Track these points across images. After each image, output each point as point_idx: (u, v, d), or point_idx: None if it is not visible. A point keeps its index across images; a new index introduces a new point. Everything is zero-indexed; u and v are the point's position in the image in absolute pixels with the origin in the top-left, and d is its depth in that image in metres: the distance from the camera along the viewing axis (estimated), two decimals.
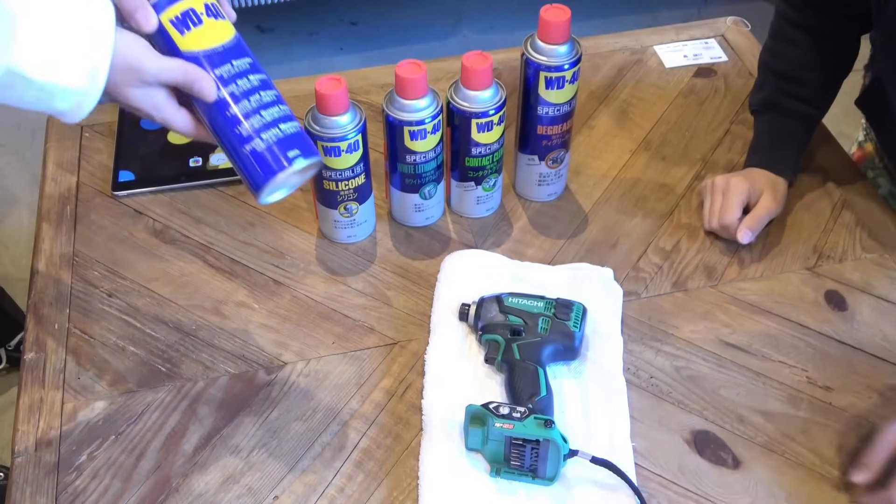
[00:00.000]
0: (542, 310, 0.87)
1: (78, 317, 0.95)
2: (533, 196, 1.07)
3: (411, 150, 0.95)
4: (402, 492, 0.80)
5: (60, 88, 0.66)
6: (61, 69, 0.66)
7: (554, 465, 0.77)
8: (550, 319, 0.87)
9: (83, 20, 0.67)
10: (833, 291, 0.97)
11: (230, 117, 0.72)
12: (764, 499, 0.80)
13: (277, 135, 0.73)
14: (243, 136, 0.72)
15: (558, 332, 0.86)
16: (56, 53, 0.65)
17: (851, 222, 1.04)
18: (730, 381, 0.89)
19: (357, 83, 1.20)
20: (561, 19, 0.92)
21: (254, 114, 0.72)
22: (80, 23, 0.66)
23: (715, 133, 1.16)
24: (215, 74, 0.71)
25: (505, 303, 0.88)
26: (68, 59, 0.66)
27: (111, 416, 0.86)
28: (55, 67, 0.65)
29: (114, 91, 0.70)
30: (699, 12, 2.72)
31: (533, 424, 0.77)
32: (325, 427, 0.85)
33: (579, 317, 0.87)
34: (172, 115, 0.73)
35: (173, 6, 0.71)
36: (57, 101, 0.67)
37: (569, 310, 0.87)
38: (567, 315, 0.87)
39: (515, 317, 0.87)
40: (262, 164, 0.72)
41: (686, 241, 1.02)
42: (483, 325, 0.88)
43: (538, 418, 0.77)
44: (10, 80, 0.65)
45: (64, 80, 0.66)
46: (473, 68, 0.92)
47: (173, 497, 0.80)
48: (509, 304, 0.88)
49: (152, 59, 0.70)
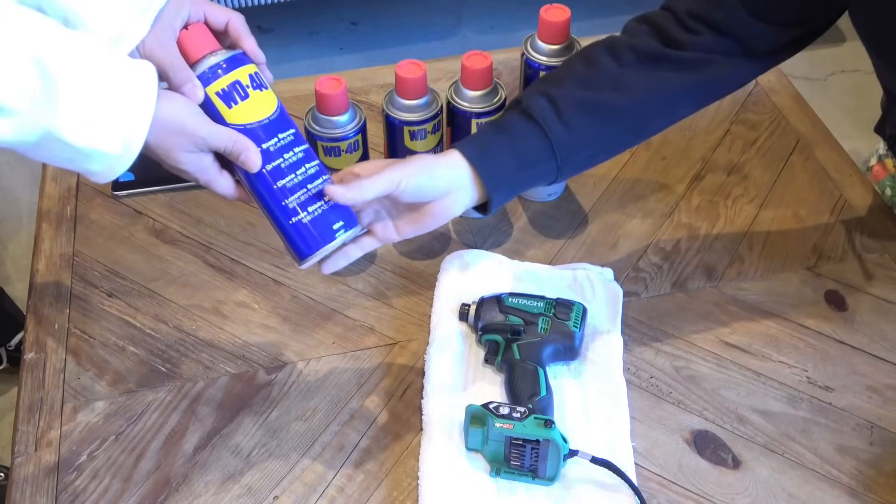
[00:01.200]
0: (542, 310, 0.87)
1: (78, 317, 0.95)
2: (533, 196, 1.07)
3: (411, 150, 0.95)
4: (402, 492, 0.80)
5: (96, 152, 0.67)
6: (99, 135, 0.66)
7: (554, 465, 0.77)
8: (550, 319, 0.87)
9: (125, 88, 0.67)
10: (833, 291, 0.97)
11: (275, 191, 0.73)
12: (764, 499, 0.80)
13: (322, 207, 0.75)
14: (288, 209, 0.74)
15: (558, 332, 0.86)
16: (96, 120, 0.66)
17: (851, 222, 1.04)
18: (730, 381, 0.89)
19: (357, 83, 1.20)
20: (561, 19, 0.92)
21: (299, 188, 0.74)
22: (122, 91, 0.67)
23: (715, 133, 1.16)
24: (261, 147, 0.73)
25: (505, 303, 0.88)
26: (107, 126, 0.66)
27: (111, 416, 0.86)
28: (94, 133, 0.66)
29: (163, 153, 0.71)
30: None
31: (533, 424, 0.77)
32: (325, 427, 0.85)
33: (579, 317, 0.87)
34: (215, 179, 0.74)
35: (220, 79, 0.73)
36: (91, 163, 0.68)
37: (569, 310, 0.87)
38: (567, 315, 0.87)
39: (515, 317, 0.87)
40: (307, 237, 0.74)
41: (686, 241, 1.02)
42: (483, 326, 0.88)
43: (538, 418, 0.77)
44: (48, 142, 0.65)
45: (101, 146, 0.67)
46: (473, 68, 0.92)
47: (173, 497, 0.80)
48: (509, 304, 0.88)
49: (205, 125, 0.71)
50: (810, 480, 0.81)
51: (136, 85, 0.68)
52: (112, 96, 0.66)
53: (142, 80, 0.68)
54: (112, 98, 0.66)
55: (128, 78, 0.67)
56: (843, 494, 0.80)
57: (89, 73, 0.65)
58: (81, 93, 0.65)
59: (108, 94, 0.66)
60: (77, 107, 0.65)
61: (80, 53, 0.66)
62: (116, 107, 0.67)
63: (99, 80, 0.66)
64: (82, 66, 0.65)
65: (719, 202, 1.07)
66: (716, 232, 1.03)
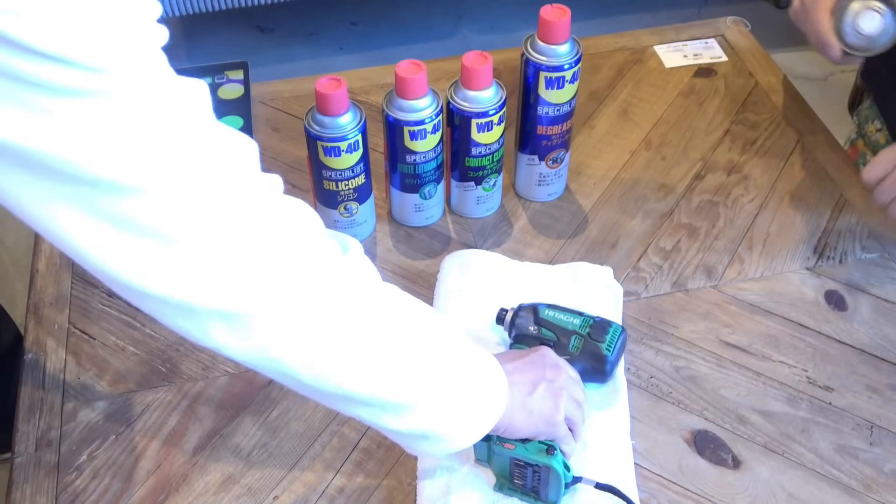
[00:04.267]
0: (576, 327, 0.84)
1: (78, 317, 0.95)
2: (533, 196, 1.07)
3: (411, 150, 0.95)
4: (402, 492, 0.80)
5: (443, 438, 0.70)
6: (462, 431, 0.71)
7: (556, 492, 0.76)
8: (583, 339, 0.84)
9: (481, 386, 0.72)
10: (833, 291, 0.97)
11: None
12: (764, 499, 0.80)
13: None
14: None
15: (589, 354, 0.83)
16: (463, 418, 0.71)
17: (851, 222, 1.04)
18: (730, 381, 0.89)
19: (357, 83, 1.20)
20: (561, 19, 0.92)
21: None
22: (479, 388, 0.71)
23: (715, 133, 1.16)
24: None
25: (540, 314, 0.86)
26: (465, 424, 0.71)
27: (111, 416, 0.86)
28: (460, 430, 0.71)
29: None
30: (699, 12, 2.72)
31: (535, 449, 0.75)
32: (325, 427, 0.85)
33: (615, 340, 0.84)
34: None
35: None
36: (430, 445, 0.71)
37: (604, 332, 0.84)
38: (601, 337, 0.83)
39: (549, 330, 0.85)
40: None
41: (686, 241, 1.02)
42: (515, 335, 0.86)
43: (542, 443, 0.75)
44: (423, 441, 0.70)
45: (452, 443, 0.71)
46: (473, 68, 0.92)
47: (173, 497, 0.80)
48: (544, 317, 0.85)
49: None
50: (810, 480, 0.81)
51: (491, 378, 0.72)
52: (470, 388, 0.71)
53: (494, 370, 0.73)
54: (470, 390, 0.71)
55: (481, 368, 0.72)
56: (843, 494, 0.80)
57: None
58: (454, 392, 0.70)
59: (467, 386, 0.71)
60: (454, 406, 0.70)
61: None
62: (474, 400, 0.71)
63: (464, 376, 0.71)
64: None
65: (719, 202, 1.07)
66: (716, 232, 1.03)
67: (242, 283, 0.58)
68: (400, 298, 0.69)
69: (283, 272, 0.60)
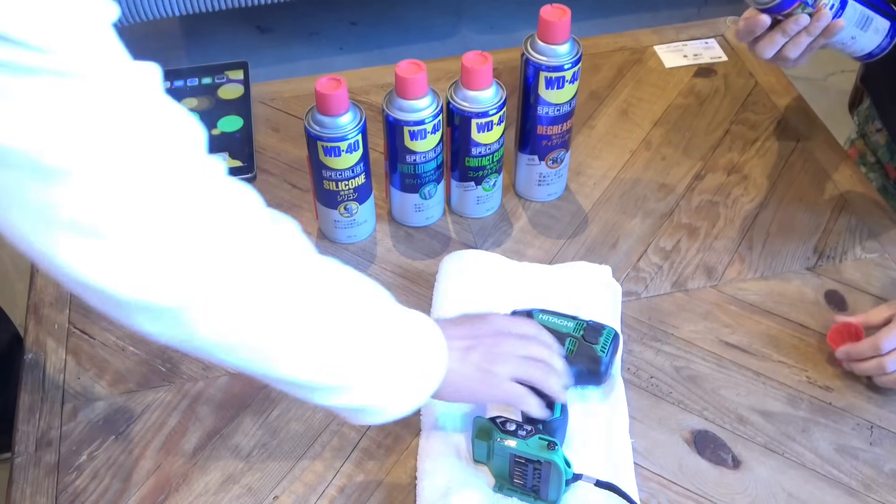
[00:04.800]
0: (570, 330, 0.84)
1: (78, 317, 0.95)
2: (533, 196, 1.07)
3: (411, 150, 0.95)
4: (402, 492, 0.80)
5: (379, 410, 0.71)
6: (392, 399, 0.71)
7: (556, 489, 0.76)
8: (578, 341, 0.84)
9: (416, 350, 0.72)
10: (833, 291, 0.97)
11: None
12: (764, 499, 0.80)
13: None
14: None
15: (584, 356, 0.83)
16: (394, 387, 0.71)
17: (851, 222, 1.04)
18: (730, 381, 0.89)
19: (357, 83, 1.20)
20: (561, 19, 0.92)
21: None
22: (414, 353, 0.72)
23: (715, 133, 1.16)
24: None
25: (535, 318, 0.85)
26: (400, 392, 0.71)
27: (111, 416, 0.86)
28: (386, 397, 0.70)
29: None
30: (699, 12, 2.72)
31: (536, 444, 0.75)
32: (325, 427, 0.85)
33: (608, 342, 0.84)
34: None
35: None
36: (366, 417, 0.71)
37: (598, 334, 0.84)
38: (595, 339, 0.84)
39: None
40: None
41: (686, 241, 1.02)
42: None
43: (543, 439, 0.75)
44: (361, 413, 0.71)
45: (388, 407, 0.71)
46: (473, 68, 0.92)
47: (173, 497, 0.80)
48: (539, 321, 0.85)
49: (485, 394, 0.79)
50: (810, 480, 0.81)
51: (427, 345, 0.72)
52: (405, 359, 0.71)
53: (431, 337, 0.73)
54: (405, 362, 0.71)
55: (416, 337, 0.72)
56: (843, 494, 0.80)
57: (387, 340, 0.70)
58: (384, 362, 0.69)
59: (402, 358, 0.71)
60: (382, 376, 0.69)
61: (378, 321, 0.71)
62: (410, 371, 0.71)
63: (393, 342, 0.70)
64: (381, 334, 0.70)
65: (719, 202, 1.07)
66: (716, 232, 1.03)
67: (168, 277, 0.58)
68: (331, 274, 0.68)
69: (211, 265, 0.59)
